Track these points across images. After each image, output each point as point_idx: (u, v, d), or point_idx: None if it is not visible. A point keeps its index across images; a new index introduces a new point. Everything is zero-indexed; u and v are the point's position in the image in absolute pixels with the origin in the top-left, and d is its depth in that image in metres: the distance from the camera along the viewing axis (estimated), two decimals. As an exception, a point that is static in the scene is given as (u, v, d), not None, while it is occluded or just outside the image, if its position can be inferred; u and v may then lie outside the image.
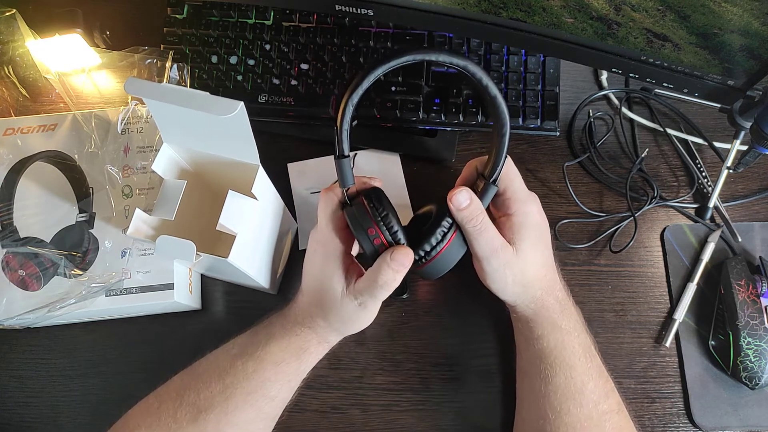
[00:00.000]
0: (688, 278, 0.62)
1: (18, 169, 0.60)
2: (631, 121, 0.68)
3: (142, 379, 0.53)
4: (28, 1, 0.69)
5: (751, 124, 0.54)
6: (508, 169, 0.52)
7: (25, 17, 0.66)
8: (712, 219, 0.64)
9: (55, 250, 0.58)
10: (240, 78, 0.66)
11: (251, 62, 0.66)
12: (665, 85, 0.56)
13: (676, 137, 0.67)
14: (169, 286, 0.57)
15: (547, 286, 0.53)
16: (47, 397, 0.60)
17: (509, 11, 0.54)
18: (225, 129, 0.44)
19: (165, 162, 0.50)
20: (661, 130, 0.67)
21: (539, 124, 0.64)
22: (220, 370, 0.50)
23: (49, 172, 0.61)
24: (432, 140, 0.66)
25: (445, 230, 0.50)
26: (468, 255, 0.52)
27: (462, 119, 0.64)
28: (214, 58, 0.67)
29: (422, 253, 0.50)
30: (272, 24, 0.67)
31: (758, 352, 0.56)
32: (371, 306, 0.50)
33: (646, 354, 0.60)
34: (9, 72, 0.68)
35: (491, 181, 0.50)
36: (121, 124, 0.62)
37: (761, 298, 0.58)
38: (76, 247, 0.58)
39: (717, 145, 0.65)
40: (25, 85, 0.69)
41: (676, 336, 0.60)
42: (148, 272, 0.57)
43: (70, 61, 0.68)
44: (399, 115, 0.64)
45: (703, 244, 0.63)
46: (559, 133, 0.65)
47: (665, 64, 0.53)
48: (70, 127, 0.62)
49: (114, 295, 0.57)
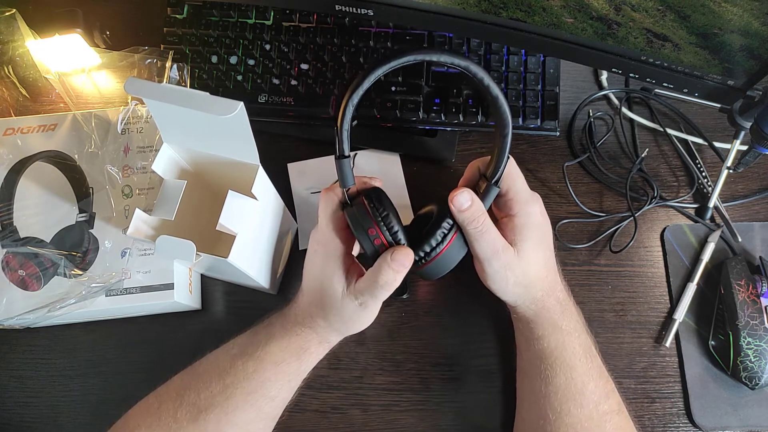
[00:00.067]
0: (688, 278, 0.62)
1: (18, 169, 0.60)
2: (631, 121, 0.68)
3: (142, 379, 0.53)
4: (28, 1, 0.69)
5: (751, 124, 0.54)
6: (510, 170, 0.51)
7: (25, 17, 0.66)
8: (712, 219, 0.64)
9: (55, 250, 0.58)
10: (240, 78, 0.66)
11: (251, 62, 0.66)
12: (665, 85, 0.56)
13: (676, 137, 0.67)
14: (169, 286, 0.57)
15: (549, 287, 0.53)
16: (47, 397, 0.60)
17: (509, 11, 0.53)
18: (225, 129, 0.44)
19: (165, 162, 0.50)
20: (661, 130, 0.67)
21: (539, 124, 0.64)
22: (221, 370, 0.50)
23: (49, 172, 0.61)
24: (432, 140, 0.66)
25: (446, 231, 0.50)
26: (468, 256, 0.52)
27: (462, 119, 0.64)
28: (214, 58, 0.67)
29: (422, 254, 0.50)
30: (272, 24, 0.67)
31: (758, 352, 0.56)
32: (372, 306, 0.50)
33: (646, 354, 0.60)
34: (9, 72, 0.68)
35: (493, 182, 0.50)
36: (121, 124, 0.62)
37: (761, 298, 0.58)
38: (76, 247, 0.58)
39: (717, 145, 0.65)
40: (25, 85, 0.69)
41: (676, 336, 0.60)
42: (148, 272, 0.57)
43: (70, 61, 0.68)
44: (399, 115, 0.64)
45: (703, 244, 0.63)
46: (559, 133, 0.65)
47: (665, 64, 0.53)
48: (70, 127, 0.62)
49: (114, 295, 0.57)
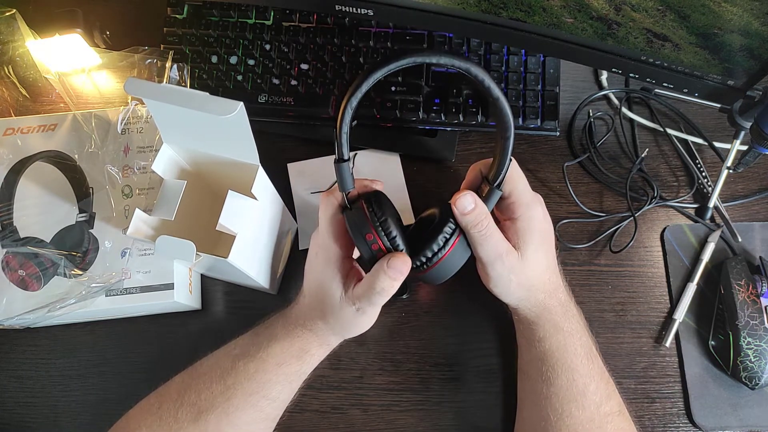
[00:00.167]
0: (688, 278, 0.62)
1: (18, 169, 0.60)
2: (631, 121, 0.68)
3: (142, 379, 0.53)
4: (28, 1, 0.69)
5: (751, 124, 0.54)
6: (513, 172, 0.50)
7: (25, 17, 0.66)
8: (712, 219, 0.64)
9: (55, 250, 0.58)
10: (240, 78, 0.66)
11: (251, 62, 0.66)
12: (665, 85, 0.56)
13: (676, 137, 0.67)
14: (169, 286, 0.57)
15: (551, 289, 0.53)
16: (47, 397, 0.60)
17: (509, 11, 0.53)
18: (225, 129, 0.44)
19: (165, 162, 0.50)
20: (661, 130, 0.67)
21: (539, 124, 0.64)
22: (222, 370, 0.50)
23: (49, 172, 0.61)
24: (432, 140, 0.66)
25: (448, 235, 0.49)
26: (471, 258, 0.51)
27: (462, 119, 0.64)
28: (214, 58, 0.67)
29: (425, 259, 0.49)
30: (272, 24, 0.67)
31: (758, 352, 0.56)
32: (369, 311, 0.50)
33: (646, 354, 0.60)
34: (9, 72, 0.68)
35: (495, 185, 0.49)
36: (121, 124, 0.62)
37: (761, 298, 0.58)
38: (76, 247, 0.58)
39: (717, 145, 0.65)
40: (25, 85, 0.69)
41: (676, 336, 0.60)
42: (148, 272, 0.57)
43: (70, 61, 0.68)
44: (399, 115, 0.64)
45: (703, 244, 0.63)
46: (559, 133, 0.65)
47: (665, 64, 0.53)
48: (70, 127, 0.62)
49: (114, 295, 0.57)
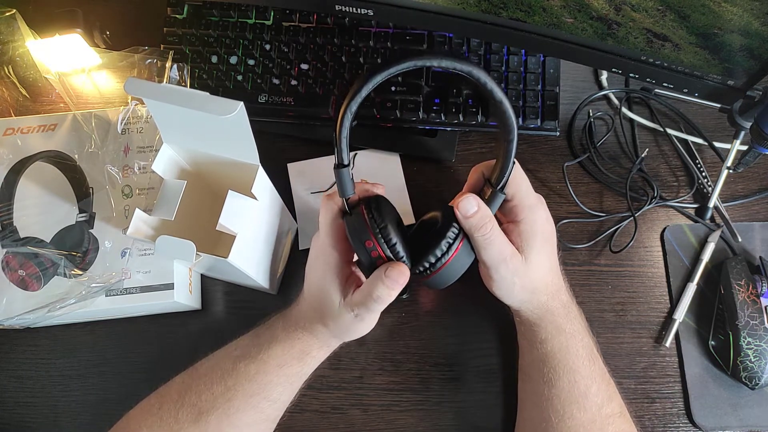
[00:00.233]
0: (688, 278, 0.62)
1: (18, 169, 0.60)
2: (631, 121, 0.68)
3: (142, 379, 0.53)
4: (28, 1, 0.69)
5: (751, 124, 0.54)
6: (516, 174, 0.49)
7: (25, 17, 0.66)
8: (712, 219, 0.64)
9: (55, 250, 0.58)
10: (240, 78, 0.66)
11: (251, 62, 0.66)
12: (665, 85, 0.56)
13: (676, 137, 0.67)
14: (169, 286, 0.57)
15: (553, 291, 0.52)
16: (47, 397, 0.60)
17: (509, 11, 0.53)
18: (225, 129, 0.44)
19: (165, 162, 0.50)
20: (661, 130, 0.67)
21: (539, 124, 0.64)
22: (222, 371, 0.50)
23: (49, 172, 0.61)
24: (432, 140, 0.66)
25: (452, 240, 0.48)
26: (473, 261, 0.50)
27: (462, 119, 0.64)
28: (214, 58, 0.67)
29: (428, 264, 0.48)
30: (272, 24, 0.67)
31: (758, 352, 0.56)
32: (367, 318, 0.49)
33: (646, 354, 0.60)
34: (9, 72, 0.68)
35: (498, 188, 0.49)
36: (121, 124, 0.62)
37: (761, 298, 0.58)
38: (76, 247, 0.58)
39: (717, 145, 0.65)
40: (25, 85, 0.69)
41: (676, 336, 0.60)
42: (148, 272, 0.57)
43: (70, 61, 0.68)
44: (399, 115, 0.64)
45: (703, 244, 0.63)
46: (559, 133, 0.65)
47: (665, 64, 0.53)
48: (70, 127, 0.62)
49: (114, 295, 0.57)
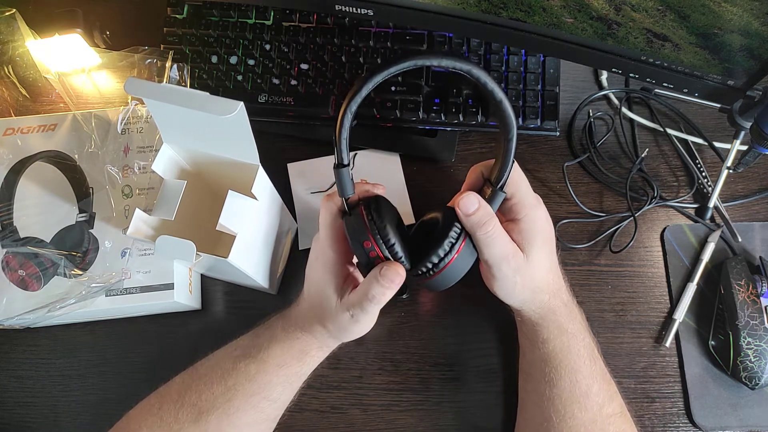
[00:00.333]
0: (688, 278, 0.62)
1: (18, 169, 0.60)
2: (631, 121, 0.68)
3: (142, 379, 0.53)
4: (28, 1, 0.69)
5: (751, 124, 0.54)
6: (515, 173, 0.49)
7: (25, 17, 0.66)
8: (712, 219, 0.64)
9: (55, 250, 0.58)
10: (240, 78, 0.66)
11: (251, 62, 0.66)
12: (665, 85, 0.56)
13: (676, 137, 0.67)
14: (169, 286, 0.57)
15: (554, 290, 0.52)
16: (47, 397, 0.60)
17: (509, 11, 0.53)
18: (225, 129, 0.44)
19: (165, 162, 0.50)
20: (661, 130, 0.67)
21: (539, 124, 0.64)
22: (223, 371, 0.50)
23: (49, 172, 0.61)
24: (432, 140, 0.66)
25: (453, 240, 0.47)
26: (475, 262, 0.50)
27: (462, 119, 0.64)
28: (214, 58, 0.67)
29: (431, 265, 0.47)
30: (272, 24, 0.67)
31: (758, 352, 0.56)
32: (363, 319, 0.49)
33: (646, 354, 0.60)
34: (9, 72, 0.68)
35: (499, 187, 0.48)
36: (121, 124, 0.62)
37: (761, 298, 0.58)
38: (76, 247, 0.58)
39: (717, 145, 0.65)
40: (25, 85, 0.69)
41: (676, 336, 0.60)
42: (148, 272, 0.57)
43: (70, 61, 0.68)
44: (399, 115, 0.64)
45: (703, 244, 0.63)
46: (559, 133, 0.65)
47: (665, 64, 0.53)
48: (70, 127, 0.62)
49: (114, 295, 0.57)
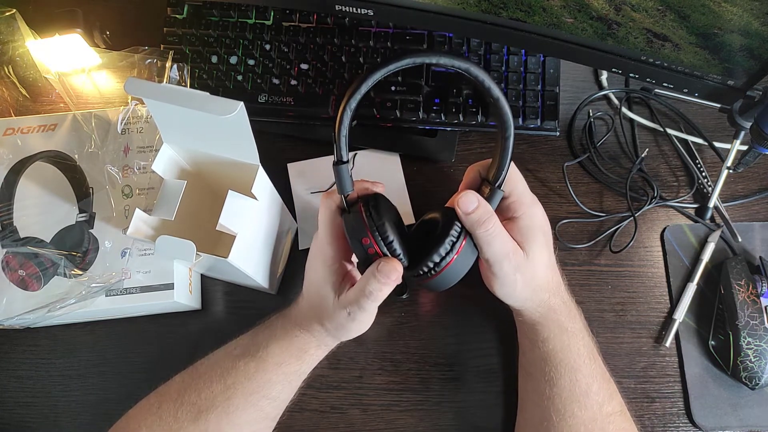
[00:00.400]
0: (688, 278, 0.62)
1: (18, 169, 0.60)
2: (631, 121, 0.68)
3: (142, 379, 0.53)
4: (28, 1, 0.69)
5: (751, 124, 0.54)
6: (512, 172, 0.50)
7: (25, 17, 0.66)
8: (712, 219, 0.64)
9: (55, 250, 0.58)
10: (240, 78, 0.66)
11: (251, 62, 0.66)
12: (665, 85, 0.56)
13: (676, 137, 0.67)
14: (169, 286, 0.57)
15: (554, 288, 0.53)
16: (47, 397, 0.60)
17: (509, 11, 0.54)
18: (225, 129, 0.44)
19: (165, 162, 0.50)
20: (661, 130, 0.67)
21: (539, 124, 0.64)
22: (222, 370, 0.50)
23: (49, 172, 0.61)
24: (432, 140, 0.66)
25: (454, 239, 0.47)
26: (475, 261, 0.50)
27: (462, 119, 0.64)
28: (214, 58, 0.67)
29: (432, 264, 0.47)
30: (272, 24, 0.67)
31: (758, 352, 0.56)
32: (360, 317, 0.49)
33: (646, 354, 0.60)
34: (9, 72, 0.68)
35: (497, 185, 0.49)
36: (121, 124, 0.62)
37: (761, 298, 0.58)
38: (76, 247, 0.58)
39: (717, 145, 0.65)
40: (25, 85, 0.69)
41: (676, 336, 0.60)
42: (148, 272, 0.57)
43: (70, 61, 0.68)
44: (399, 115, 0.64)
45: (703, 244, 0.63)
46: (559, 133, 0.65)
47: (665, 64, 0.53)
48: (70, 127, 0.62)
49: (114, 295, 0.57)
